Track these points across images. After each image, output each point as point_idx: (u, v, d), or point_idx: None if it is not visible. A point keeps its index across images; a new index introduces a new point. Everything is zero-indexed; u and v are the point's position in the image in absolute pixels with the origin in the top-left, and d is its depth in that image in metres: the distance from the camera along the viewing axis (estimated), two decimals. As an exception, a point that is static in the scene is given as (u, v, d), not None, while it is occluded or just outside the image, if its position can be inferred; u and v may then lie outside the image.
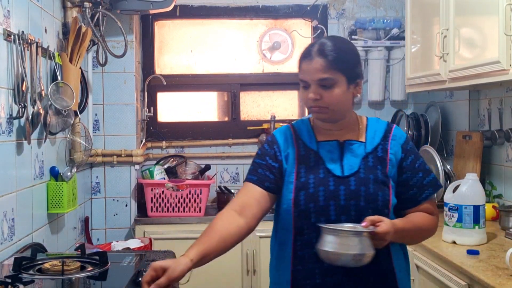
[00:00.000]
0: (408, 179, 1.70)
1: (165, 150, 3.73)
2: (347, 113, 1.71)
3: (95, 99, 3.35)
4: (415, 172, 1.70)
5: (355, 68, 1.67)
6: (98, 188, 3.42)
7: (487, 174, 2.99)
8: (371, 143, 1.71)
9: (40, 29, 2.46)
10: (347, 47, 1.69)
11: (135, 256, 2.01)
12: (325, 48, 1.64)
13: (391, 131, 1.73)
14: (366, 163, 1.67)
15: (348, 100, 1.67)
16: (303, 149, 1.72)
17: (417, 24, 3.11)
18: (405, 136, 1.75)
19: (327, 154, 1.70)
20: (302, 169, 1.69)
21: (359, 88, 1.70)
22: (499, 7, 2.13)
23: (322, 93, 1.63)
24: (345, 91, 1.64)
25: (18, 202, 2.17)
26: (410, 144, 1.74)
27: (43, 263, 1.82)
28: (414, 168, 1.70)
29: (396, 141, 1.71)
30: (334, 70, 1.62)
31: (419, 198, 1.70)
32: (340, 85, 1.63)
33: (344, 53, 1.65)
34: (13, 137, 2.14)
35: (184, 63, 3.83)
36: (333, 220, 1.61)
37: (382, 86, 3.70)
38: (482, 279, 1.86)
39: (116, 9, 3.08)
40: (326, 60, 1.62)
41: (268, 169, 1.70)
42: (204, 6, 3.74)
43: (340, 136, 1.71)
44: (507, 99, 2.80)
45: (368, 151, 1.69)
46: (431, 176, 1.72)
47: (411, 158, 1.71)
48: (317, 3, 3.70)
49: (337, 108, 1.66)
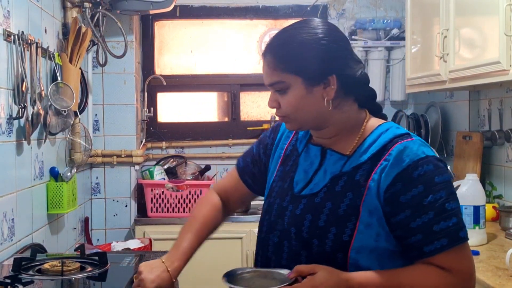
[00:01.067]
0: (408, 220, 1.22)
1: (165, 151, 3.72)
2: (328, 119, 1.32)
3: (95, 99, 3.34)
4: (421, 212, 1.21)
5: (318, 65, 1.27)
6: (98, 188, 3.42)
7: (487, 174, 2.99)
8: (355, 160, 1.29)
9: (40, 29, 2.46)
10: (305, 38, 1.28)
11: (135, 256, 2.01)
12: (274, 42, 1.32)
13: (391, 148, 1.25)
14: (334, 185, 1.29)
15: (315, 106, 1.29)
16: (291, 148, 1.45)
17: (417, 25, 3.10)
18: (415, 157, 1.22)
19: (306, 161, 1.38)
20: (280, 172, 1.43)
21: (331, 89, 1.28)
22: (499, 8, 2.13)
23: (279, 100, 1.31)
24: (304, 96, 1.28)
25: (18, 202, 2.17)
26: (422, 169, 1.21)
27: (42, 263, 1.82)
28: (420, 205, 1.21)
29: (390, 163, 1.23)
30: (282, 72, 1.28)
31: (425, 249, 1.21)
32: (295, 89, 1.28)
33: (297, 47, 1.28)
34: (13, 137, 2.14)
35: (184, 64, 3.83)
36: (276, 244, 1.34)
37: (382, 86, 3.69)
38: (482, 280, 1.85)
39: (116, 10, 3.08)
40: (273, 59, 1.30)
41: (255, 162, 1.53)
42: (204, 7, 3.74)
43: (328, 143, 1.36)
44: (507, 99, 2.80)
45: (345, 170, 1.29)
46: (451, 222, 1.21)
47: (416, 191, 1.21)
48: (317, 3, 3.70)
49: (299, 117, 1.31)
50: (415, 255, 1.23)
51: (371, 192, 1.24)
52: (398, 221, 1.23)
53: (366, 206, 1.24)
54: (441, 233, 1.20)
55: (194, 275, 3.14)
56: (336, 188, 1.28)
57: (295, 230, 1.30)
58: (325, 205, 1.28)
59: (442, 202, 1.21)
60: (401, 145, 1.25)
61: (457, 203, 1.24)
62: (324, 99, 1.28)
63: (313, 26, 1.31)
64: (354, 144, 1.32)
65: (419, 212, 1.21)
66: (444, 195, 1.21)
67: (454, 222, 1.21)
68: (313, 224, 1.27)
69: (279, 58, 1.29)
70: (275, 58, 1.29)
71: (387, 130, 1.31)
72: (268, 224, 1.39)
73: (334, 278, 1.18)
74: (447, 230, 1.20)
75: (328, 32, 1.30)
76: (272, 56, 1.30)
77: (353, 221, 1.24)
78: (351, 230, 1.24)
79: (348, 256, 1.24)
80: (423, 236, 1.21)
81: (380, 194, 1.23)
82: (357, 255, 1.24)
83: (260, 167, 1.52)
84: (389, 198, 1.23)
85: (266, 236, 1.39)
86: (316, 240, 1.26)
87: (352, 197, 1.26)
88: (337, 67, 1.29)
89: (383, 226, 1.24)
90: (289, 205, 1.34)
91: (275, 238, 1.35)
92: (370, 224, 1.24)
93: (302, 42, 1.28)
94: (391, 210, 1.23)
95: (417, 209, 1.21)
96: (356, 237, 1.24)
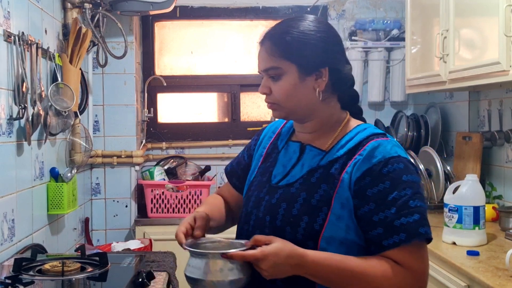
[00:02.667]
0: (371, 213, 1.25)
1: (165, 151, 3.73)
2: (314, 111, 1.37)
3: (95, 100, 3.35)
4: (384, 206, 1.24)
5: (313, 55, 1.33)
6: (98, 189, 3.42)
7: (487, 175, 2.99)
8: (332, 155, 1.35)
9: (40, 30, 2.46)
10: (304, 28, 1.35)
11: (135, 257, 2.01)
12: (274, 30, 1.38)
13: (366, 144, 1.31)
14: (310, 177, 1.34)
15: (305, 95, 1.34)
16: (272, 147, 1.50)
17: (417, 25, 3.11)
18: (387, 155, 1.28)
19: (285, 157, 1.43)
20: (261, 169, 1.48)
21: (322, 81, 1.34)
22: (499, 8, 2.14)
23: (271, 86, 1.37)
24: (296, 84, 1.33)
25: (18, 203, 2.17)
26: (392, 167, 1.26)
27: (43, 264, 1.82)
28: (384, 200, 1.25)
29: (363, 158, 1.28)
30: (279, 58, 1.34)
31: (384, 243, 1.24)
32: (289, 76, 1.34)
33: (296, 36, 1.34)
34: (13, 138, 2.14)
35: (184, 64, 3.83)
36: (250, 232, 1.37)
37: (382, 87, 3.70)
38: (482, 280, 1.85)
39: (116, 10, 3.08)
40: (272, 46, 1.35)
41: (240, 163, 1.59)
42: (204, 7, 3.75)
43: (308, 139, 1.41)
44: (507, 100, 2.80)
45: (322, 164, 1.35)
46: (412, 218, 1.23)
47: (383, 186, 1.25)
48: (317, 4, 3.70)
49: (289, 105, 1.36)
50: (374, 249, 1.27)
51: (343, 184, 1.29)
52: (362, 213, 1.27)
53: (339, 198, 1.29)
54: (401, 228, 1.23)
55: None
56: (312, 179, 1.34)
57: (269, 218, 1.35)
58: (299, 194, 1.33)
59: (406, 199, 1.25)
60: (375, 142, 1.31)
61: (422, 203, 1.27)
62: (315, 90, 1.34)
63: (312, 20, 1.38)
64: (332, 140, 1.38)
65: (382, 207, 1.25)
66: (409, 193, 1.25)
67: (415, 218, 1.24)
68: (287, 212, 1.32)
69: (277, 45, 1.34)
70: (273, 44, 1.35)
71: (364, 129, 1.37)
72: (245, 215, 1.43)
73: (287, 251, 1.21)
74: (407, 226, 1.23)
75: (326, 28, 1.38)
76: (271, 42, 1.36)
77: (324, 212, 1.29)
78: (323, 220, 1.28)
79: (318, 244, 1.27)
80: (383, 230, 1.24)
81: (351, 187, 1.28)
82: (327, 245, 1.28)
83: (244, 169, 1.57)
84: (358, 190, 1.28)
85: (241, 227, 1.44)
86: (289, 227, 1.31)
87: (326, 188, 1.31)
88: (330, 61, 1.35)
89: (352, 218, 1.28)
90: (265, 195, 1.39)
91: (249, 228, 1.39)
92: (341, 216, 1.28)
93: (301, 32, 1.34)
94: (358, 202, 1.28)
95: (381, 204, 1.25)
96: (327, 227, 1.28)
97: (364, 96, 3.73)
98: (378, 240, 1.25)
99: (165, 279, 1.98)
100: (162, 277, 1.98)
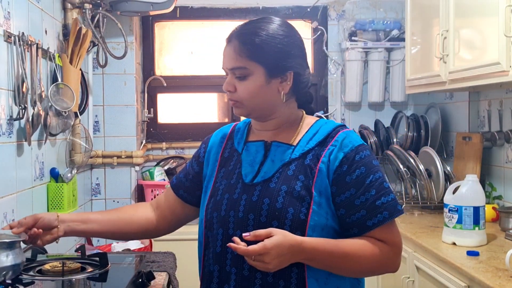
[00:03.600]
0: (353, 197, 1.34)
1: (165, 152, 3.73)
2: (275, 111, 1.43)
3: (95, 100, 3.35)
4: (364, 190, 1.34)
5: (281, 59, 1.38)
6: (98, 189, 3.43)
7: (487, 175, 3.00)
8: (302, 148, 1.40)
9: (41, 30, 2.46)
10: (273, 32, 1.39)
11: (135, 257, 2.01)
12: (243, 30, 1.40)
13: (336, 135, 1.39)
14: (285, 170, 1.38)
15: (269, 96, 1.40)
16: (228, 151, 1.51)
17: (417, 26, 3.11)
18: (355, 143, 1.38)
19: (249, 156, 1.45)
20: (220, 174, 1.48)
21: (287, 84, 1.40)
22: (499, 9, 2.14)
23: (236, 85, 1.40)
24: (262, 86, 1.38)
25: (18, 203, 2.17)
26: (362, 153, 1.37)
27: (43, 264, 1.82)
28: (363, 184, 1.34)
29: (337, 148, 1.37)
30: (247, 58, 1.37)
31: (368, 223, 1.34)
32: (256, 77, 1.38)
33: (265, 38, 1.37)
34: (13, 138, 2.14)
35: (184, 64, 3.83)
36: (231, 234, 1.37)
37: (382, 87, 3.70)
38: (482, 281, 1.86)
39: (116, 11, 3.08)
40: (240, 45, 1.38)
41: (188, 174, 1.59)
42: (204, 8, 3.75)
43: (271, 136, 1.45)
44: (507, 100, 2.80)
45: (294, 157, 1.39)
46: (390, 197, 1.36)
47: (359, 172, 1.35)
48: (317, 4, 3.71)
49: (253, 104, 1.40)
50: (358, 231, 1.36)
51: (321, 174, 1.36)
52: (343, 199, 1.35)
53: (317, 187, 1.35)
54: (382, 207, 1.34)
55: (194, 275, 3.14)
56: (288, 172, 1.38)
57: (253, 216, 1.36)
58: (280, 188, 1.36)
59: (381, 181, 1.37)
60: (343, 133, 1.40)
61: (388, 184, 1.40)
62: (280, 92, 1.41)
63: (279, 23, 1.43)
64: (295, 135, 1.44)
65: (362, 190, 1.35)
66: (381, 176, 1.38)
67: (392, 197, 1.37)
68: (271, 207, 1.35)
69: (246, 45, 1.37)
70: (242, 44, 1.38)
71: (326, 123, 1.45)
72: (219, 220, 1.42)
73: (288, 241, 1.27)
74: (387, 204, 1.35)
75: (293, 32, 1.44)
76: (239, 42, 1.38)
77: (307, 201, 1.34)
78: (307, 209, 1.34)
79: (305, 234, 1.33)
80: (366, 211, 1.34)
81: (330, 175, 1.36)
82: (312, 233, 1.34)
83: (193, 179, 1.58)
84: (336, 178, 1.36)
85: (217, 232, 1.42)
86: (276, 221, 1.34)
87: (304, 179, 1.36)
88: (295, 65, 1.41)
89: (330, 205, 1.36)
90: (242, 195, 1.40)
91: (229, 231, 1.39)
92: (321, 204, 1.35)
93: (270, 35, 1.39)
94: (337, 189, 1.36)
95: (360, 187, 1.35)
96: (312, 216, 1.34)
97: (364, 97, 3.73)
98: (362, 221, 1.35)
99: (165, 279, 1.98)
100: (162, 277, 1.98)
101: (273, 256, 1.25)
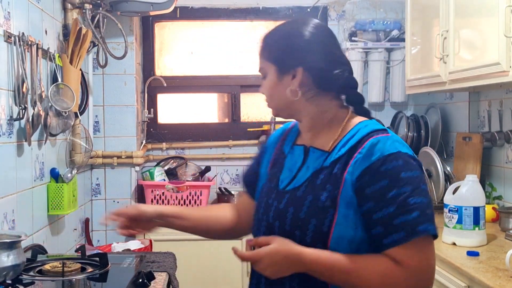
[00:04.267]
0: (371, 212, 1.25)
1: (165, 152, 3.73)
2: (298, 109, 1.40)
3: (95, 100, 3.35)
4: (382, 204, 1.23)
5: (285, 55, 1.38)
6: (98, 189, 3.43)
7: (487, 175, 3.00)
8: (335, 155, 1.33)
9: (41, 30, 2.46)
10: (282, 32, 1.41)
11: (136, 257, 2.02)
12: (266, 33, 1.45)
13: (366, 141, 1.29)
14: (315, 179, 1.33)
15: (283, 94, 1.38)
16: (278, 152, 1.50)
17: (417, 26, 3.11)
18: (386, 152, 1.26)
19: (291, 160, 1.43)
20: (269, 175, 1.49)
21: (296, 80, 1.36)
22: (499, 9, 2.14)
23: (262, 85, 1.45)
24: (275, 83, 1.39)
25: (18, 203, 2.17)
26: (390, 164, 1.24)
27: (43, 264, 1.82)
28: (383, 198, 1.23)
29: (363, 155, 1.27)
30: (264, 59, 1.43)
31: (384, 241, 1.24)
32: (270, 76, 1.40)
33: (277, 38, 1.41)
34: (13, 138, 2.14)
35: (184, 65, 3.83)
36: None
37: (382, 87, 3.70)
38: (482, 281, 1.86)
39: (116, 11, 3.08)
40: (260, 48, 1.44)
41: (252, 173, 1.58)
42: (204, 8, 3.75)
43: (310, 139, 1.42)
44: (507, 100, 2.80)
45: (326, 165, 1.33)
46: (411, 216, 1.22)
47: (381, 184, 1.24)
48: (317, 4, 3.71)
49: (274, 103, 1.43)
50: (376, 248, 1.26)
51: (347, 184, 1.27)
52: (363, 212, 1.26)
53: (343, 198, 1.27)
54: (400, 227, 1.22)
55: (194, 275, 3.15)
56: (317, 181, 1.32)
57: (278, 223, 1.35)
58: (306, 197, 1.32)
59: (405, 196, 1.22)
60: (375, 139, 1.28)
61: (422, 199, 1.24)
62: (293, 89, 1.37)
63: (302, 23, 1.40)
64: (334, 140, 1.36)
65: (381, 205, 1.23)
66: (408, 190, 1.23)
67: (414, 216, 1.22)
68: (295, 216, 1.32)
69: (263, 47, 1.43)
70: (262, 46, 1.43)
71: (366, 126, 1.34)
72: (256, 222, 1.45)
73: (283, 251, 1.25)
74: (405, 224, 1.22)
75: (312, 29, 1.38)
76: (261, 44, 1.44)
77: (331, 213, 1.27)
78: (330, 221, 1.27)
79: (328, 247, 1.27)
80: (383, 228, 1.24)
81: (353, 186, 1.27)
82: (336, 245, 1.27)
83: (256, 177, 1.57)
84: (358, 189, 1.26)
85: (254, 233, 1.46)
86: (298, 231, 1.30)
87: (331, 189, 1.29)
88: (305, 61, 1.36)
89: (359, 216, 1.27)
90: (274, 201, 1.39)
91: (261, 234, 1.40)
92: (348, 215, 1.27)
93: (283, 35, 1.40)
94: (359, 201, 1.26)
95: (380, 202, 1.23)
96: (335, 228, 1.27)
97: (364, 97, 3.70)
98: (378, 238, 1.25)
99: (165, 279, 1.98)
100: (162, 277, 1.98)
101: (266, 264, 1.26)
